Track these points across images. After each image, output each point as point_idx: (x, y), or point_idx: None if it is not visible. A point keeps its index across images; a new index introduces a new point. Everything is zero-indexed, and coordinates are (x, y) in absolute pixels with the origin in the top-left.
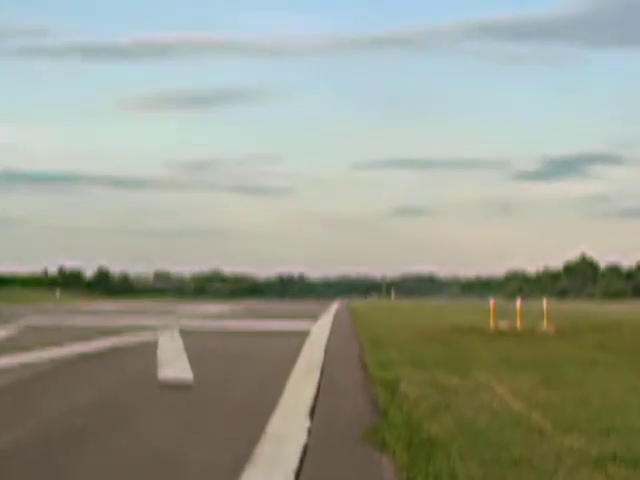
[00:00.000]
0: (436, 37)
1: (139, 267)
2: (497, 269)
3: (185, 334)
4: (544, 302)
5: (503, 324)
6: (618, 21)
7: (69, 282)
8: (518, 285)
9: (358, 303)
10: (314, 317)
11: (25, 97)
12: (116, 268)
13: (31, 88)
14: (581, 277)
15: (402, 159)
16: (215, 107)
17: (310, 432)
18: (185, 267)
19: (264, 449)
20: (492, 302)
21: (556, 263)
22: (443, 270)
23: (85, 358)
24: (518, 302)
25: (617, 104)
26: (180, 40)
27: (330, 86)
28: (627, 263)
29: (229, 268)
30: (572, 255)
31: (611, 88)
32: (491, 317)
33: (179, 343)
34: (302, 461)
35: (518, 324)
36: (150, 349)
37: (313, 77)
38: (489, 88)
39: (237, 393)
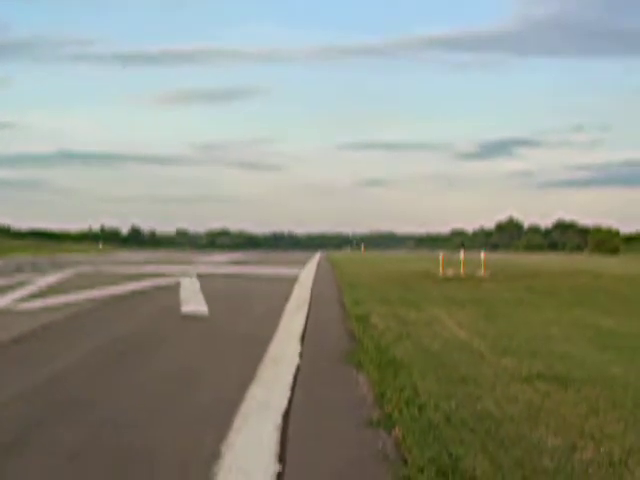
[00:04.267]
0: (399, 48)
1: (164, 226)
2: (443, 228)
3: (200, 277)
4: (482, 254)
5: (450, 271)
6: (540, 36)
7: (109, 237)
8: (460, 240)
9: (335, 254)
10: (301, 264)
11: (77, 94)
12: (146, 226)
13: (82, 86)
14: (509, 234)
15: (369, 142)
16: (224, 101)
17: (301, 355)
18: (199, 226)
19: (265, 367)
20: (441, 254)
21: (489, 224)
22: (401, 229)
23: (122, 298)
24: (462, 254)
25: (538, 100)
26: (197, 49)
27: (315, 85)
28: (544, 224)
29: (234, 226)
30: (502, 217)
31: (534, 88)
32: (440, 265)
33: (196, 285)
34: (296, 378)
35: (462, 271)
36: (174, 290)
37: (301, 78)
38: (438, 88)
39: (242, 324)
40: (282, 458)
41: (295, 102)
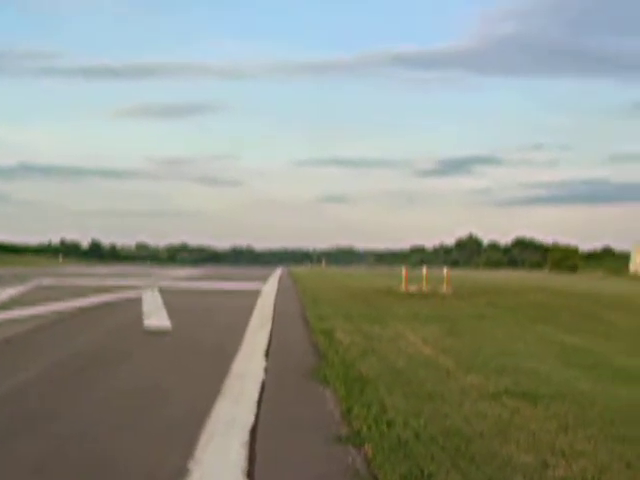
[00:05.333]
0: (360, 64)
1: (124, 240)
2: (403, 244)
3: (162, 292)
4: (444, 270)
5: (412, 287)
6: (501, 54)
7: (69, 251)
8: (420, 257)
9: (296, 269)
10: (263, 279)
11: (39, 107)
12: (106, 240)
13: (44, 100)
14: (468, 251)
15: (330, 158)
16: (186, 116)
17: (267, 370)
18: (160, 240)
19: (231, 383)
20: (404, 270)
21: (449, 240)
22: (361, 244)
23: (84, 311)
24: (424, 270)
25: (498, 119)
26: (159, 63)
27: (276, 101)
28: (504, 241)
29: (194, 241)
30: (462, 234)
31: (494, 106)
32: (403, 281)
33: (158, 299)
34: (261, 393)
35: (424, 287)
36: (136, 304)
37: (263, 93)
38: (400, 105)
39: (206, 339)
40: (250, 474)
41: (256, 118)
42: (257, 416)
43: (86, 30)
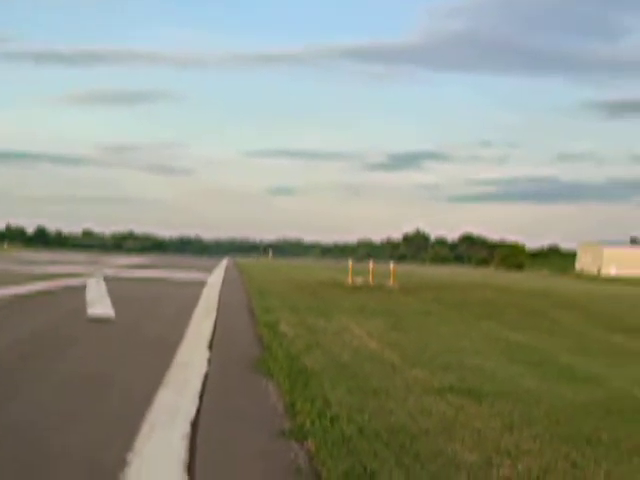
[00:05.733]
0: (313, 56)
1: (70, 226)
2: (350, 237)
3: (107, 280)
4: (391, 264)
5: (358, 280)
6: (451, 50)
7: (14, 236)
8: (367, 251)
9: (242, 260)
10: (209, 270)
11: None
12: (52, 226)
13: None
14: (416, 246)
15: (280, 150)
16: (135, 103)
17: (210, 361)
18: (106, 227)
19: (173, 374)
20: (350, 263)
21: (397, 235)
22: (308, 236)
23: (28, 297)
24: (371, 263)
25: (447, 115)
26: (110, 50)
27: (228, 91)
28: (451, 236)
29: (140, 229)
30: (409, 229)
31: (443, 102)
32: (349, 274)
33: (103, 287)
34: (204, 385)
35: (370, 280)
36: (79, 291)
37: (215, 83)
38: (351, 98)
39: (150, 328)
40: (191, 469)
41: (207, 107)
42: (199, 408)
43: (37, 15)
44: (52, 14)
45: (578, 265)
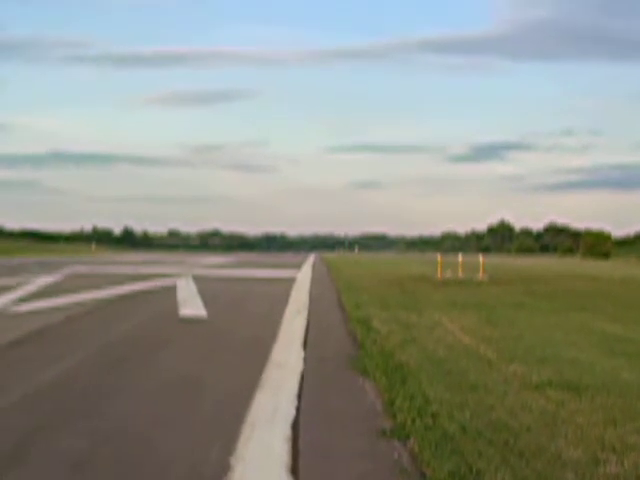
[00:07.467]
0: (391, 50)
1: (156, 226)
2: (434, 230)
3: (196, 279)
4: (480, 257)
5: (447, 274)
6: (532, 39)
7: (101, 238)
8: (451, 243)
9: (328, 256)
10: (297, 266)
11: (69, 95)
12: (138, 227)
13: (74, 88)
14: (500, 237)
15: (361, 145)
16: (217, 103)
17: (305, 360)
18: (192, 227)
19: (269, 374)
20: (439, 256)
21: (481, 226)
22: (392, 231)
23: (121, 299)
24: (460, 256)
25: (529, 104)
26: (190, 51)
27: (307, 88)
28: (536, 227)
29: (226, 228)
30: (493, 220)
31: (525, 92)
32: (437, 268)
33: (193, 287)
34: (301, 385)
35: (460, 274)
36: (171, 292)
37: (294, 80)
38: (430, 91)
39: (242, 327)
40: (294, 470)
41: (288, 105)
42: (298, 409)
43: (116, 18)
44: (129, 17)
45: None
